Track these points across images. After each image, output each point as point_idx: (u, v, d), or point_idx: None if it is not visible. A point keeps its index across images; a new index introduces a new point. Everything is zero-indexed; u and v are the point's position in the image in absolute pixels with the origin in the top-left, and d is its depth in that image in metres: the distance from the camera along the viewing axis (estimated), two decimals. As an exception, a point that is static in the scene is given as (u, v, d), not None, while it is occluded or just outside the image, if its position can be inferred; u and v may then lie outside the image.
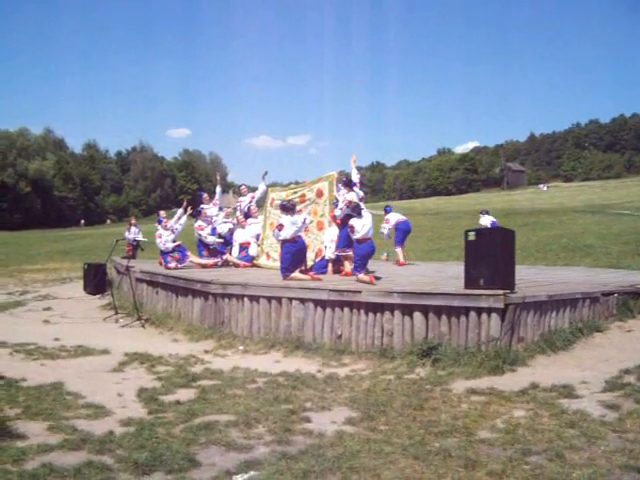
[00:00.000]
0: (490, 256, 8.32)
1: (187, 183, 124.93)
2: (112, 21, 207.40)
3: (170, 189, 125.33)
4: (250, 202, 15.50)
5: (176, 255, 14.34)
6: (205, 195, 16.45)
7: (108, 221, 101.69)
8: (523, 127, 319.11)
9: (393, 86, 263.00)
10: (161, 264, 14.54)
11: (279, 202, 13.26)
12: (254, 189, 16.30)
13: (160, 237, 14.58)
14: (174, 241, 14.53)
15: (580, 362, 8.12)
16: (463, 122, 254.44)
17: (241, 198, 15.99)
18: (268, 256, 14.46)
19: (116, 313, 13.12)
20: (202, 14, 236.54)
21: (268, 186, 15.91)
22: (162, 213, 16.57)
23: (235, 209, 16.01)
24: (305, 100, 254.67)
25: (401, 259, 15.73)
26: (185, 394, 7.16)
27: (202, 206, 15.74)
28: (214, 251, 15.26)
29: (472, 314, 8.23)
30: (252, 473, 4.76)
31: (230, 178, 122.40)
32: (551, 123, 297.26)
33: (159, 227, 14.65)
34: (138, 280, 13.41)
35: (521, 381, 7.25)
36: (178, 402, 6.78)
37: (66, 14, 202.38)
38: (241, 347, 9.92)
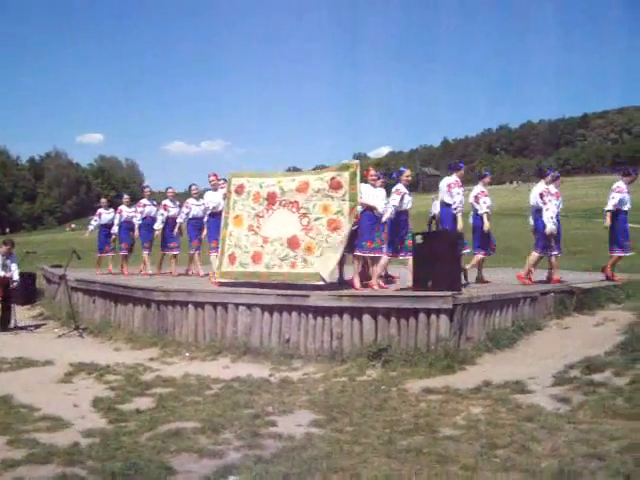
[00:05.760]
0: (437, 258, 8.57)
1: (104, 190, 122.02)
2: (21, 25, 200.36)
3: (86, 196, 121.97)
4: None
5: None
6: (126, 197, 15.89)
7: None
8: (436, 132, 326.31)
9: (308, 91, 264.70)
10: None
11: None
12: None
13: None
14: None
15: (525, 359, 8.44)
16: (376, 127, 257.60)
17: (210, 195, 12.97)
18: (233, 258, 11.01)
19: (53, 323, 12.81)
20: (114, 17, 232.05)
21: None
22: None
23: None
24: (220, 105, 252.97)
25: None
26: (143, 402, 7.08)
27: (121, 207, 15.13)
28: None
29: (421, 315, 8.43)
30: (232, 478, 4.77)
31: (147, 184, 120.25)
32: (463, 128, 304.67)
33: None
34: (73, 289, 13.06)
35: (473, 379, 7.50)
36: (138, 411, 6.70)
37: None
38: (187, 354, 9.81)
